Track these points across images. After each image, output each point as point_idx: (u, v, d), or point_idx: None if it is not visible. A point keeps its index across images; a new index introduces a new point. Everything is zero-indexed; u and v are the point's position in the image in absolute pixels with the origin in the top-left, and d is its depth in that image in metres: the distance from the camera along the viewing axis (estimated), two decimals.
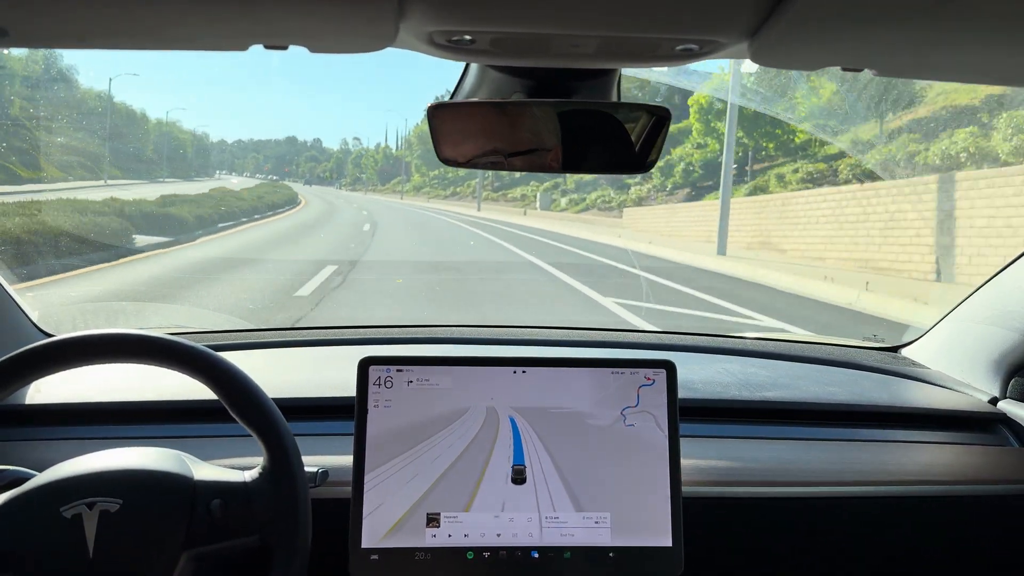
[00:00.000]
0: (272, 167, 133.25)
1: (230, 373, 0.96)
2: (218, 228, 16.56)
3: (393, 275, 10.26)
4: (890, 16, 0.66)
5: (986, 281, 1.56)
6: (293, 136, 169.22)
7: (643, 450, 1.14)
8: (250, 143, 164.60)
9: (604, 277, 10.76)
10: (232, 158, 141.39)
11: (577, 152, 1.02)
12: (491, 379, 1.15)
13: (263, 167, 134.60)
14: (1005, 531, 1.40)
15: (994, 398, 1.52)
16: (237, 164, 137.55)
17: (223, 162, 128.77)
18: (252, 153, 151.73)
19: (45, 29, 0.75)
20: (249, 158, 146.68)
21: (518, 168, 1.04)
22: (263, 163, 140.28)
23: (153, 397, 1.33)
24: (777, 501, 1.31)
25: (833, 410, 1.45)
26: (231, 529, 0.94)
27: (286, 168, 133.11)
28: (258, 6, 0.67)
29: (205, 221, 16.21)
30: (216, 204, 19.49)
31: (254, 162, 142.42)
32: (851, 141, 16.19)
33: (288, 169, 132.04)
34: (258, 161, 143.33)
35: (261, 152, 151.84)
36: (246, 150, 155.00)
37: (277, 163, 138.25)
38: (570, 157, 1.02)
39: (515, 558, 1.10)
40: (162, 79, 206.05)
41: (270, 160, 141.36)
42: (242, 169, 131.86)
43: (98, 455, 0.98)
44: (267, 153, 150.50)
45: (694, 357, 1.67)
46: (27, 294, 7.70)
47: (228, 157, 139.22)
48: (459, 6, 0.69)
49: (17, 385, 0.93)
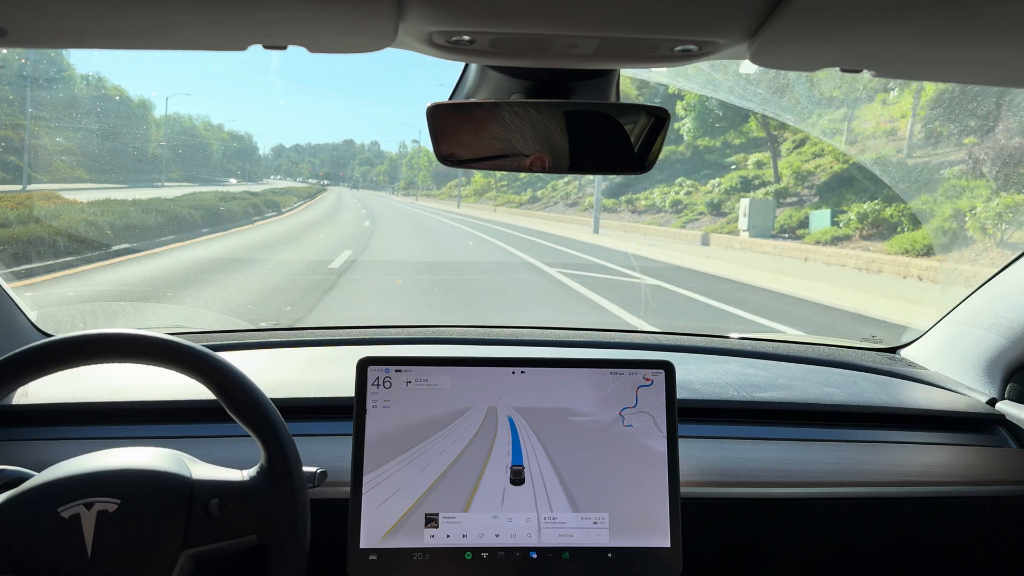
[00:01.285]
0: (327, 171, 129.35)
1: (228, 373, 0.96)
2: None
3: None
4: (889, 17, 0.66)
5: (984, 283, 1.57)
6: (350, 139, 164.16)
7: (641, 451, 1.14)
8: (307, 147, 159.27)
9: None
10: (289, 163, 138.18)
11: (576, 152, 1.02)
12: (490, 379, 1.15)
13: (318, 171, 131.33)
14: (1002, 532, 1.40)
15: (992, 399, 1.52)
16: (294, 169, 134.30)
17: (279, 167, 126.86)
18: (308, 157, 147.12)
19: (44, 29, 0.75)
20: (305, 162, 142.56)
21: (517, 168, 1.04)
22: (318, 167, 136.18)
23: (152, 397, 1.33)
24: (775, 502, 1.31)
25: (831, 411, 1.45)
26: (229, 529, 0.94)
27: (340, 172, 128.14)
28: (257, 6, 0.67)
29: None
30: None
31: (309, 166, 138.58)
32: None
33: (343, 173, 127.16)
34: (313, 165, 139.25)
35: (317, 156, 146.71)
36: (303, 154, 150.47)
37: (333, 167, 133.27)
38: (569, 157, 1.02)
39: (513, 558, 1.10)
40: (210, 90, 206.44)
41: (325, 164, 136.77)
42: (296, 174, 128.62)
43: (96, 455, 0.98)
44: (323, 157, 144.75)
45: (693, 358, 1.67)
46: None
47: (285, 162, 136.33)
48: (458, 7, 0.69)
49: (15, 385, 0.93)
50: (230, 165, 51.40)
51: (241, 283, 9.01)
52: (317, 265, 11.05)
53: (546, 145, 1.01)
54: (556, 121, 0.99)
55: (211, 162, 42.08)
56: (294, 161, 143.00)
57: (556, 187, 33.57)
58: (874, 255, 12.60)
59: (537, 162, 1.03)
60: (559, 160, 1.02)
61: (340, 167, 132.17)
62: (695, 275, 11.92)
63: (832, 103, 17.87)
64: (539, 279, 10.76)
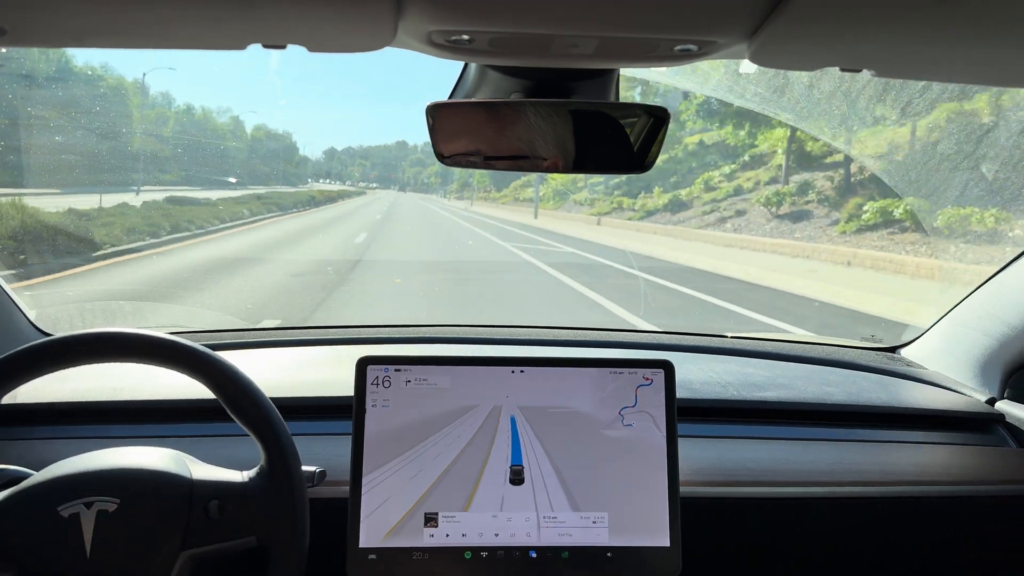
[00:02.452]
0: (379, 174, 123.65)
1: (228, 373, 0.96)
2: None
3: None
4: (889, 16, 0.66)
5: (984, 282, 1.57)
6: (403, 140, 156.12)
7: (641, 450, 1.14)
8: (359, 149, 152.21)
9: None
10: (341, 166, 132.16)
11: (575, 152, 1.02)
12: (489, 379, 1.15)
13: (369, 174, 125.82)
14: (1002, 531, 1.40)
15: (992, 398, 1.52)
16: (344, 172, 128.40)
17: (330, 170, 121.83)
18: (360, 159, 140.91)
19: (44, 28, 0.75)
20: (356, 164, 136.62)
21: (516, 168, 1.04)
22: (369, 170, 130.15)
23: (151, 396, 1.33)
24: (775, 501, 1.31)
25: (831, 410, 1.45)
26: (229, 530, 0.94)
27: (392, 174, 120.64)
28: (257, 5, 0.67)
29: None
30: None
31: (360, 168, 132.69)
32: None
33: (393, 175, 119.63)
34: (364, 168, 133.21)
35: (369, 158, 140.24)
36: (354, 157, 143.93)
37: (385, 169, 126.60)
38: (568, 157, 1.02)
39: (513, 558, 1.10)
40: (260, 92, 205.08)
41: (377, 166, 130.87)
42: (346, 177, 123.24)
43: (96, 454, 0.98)
44: (375, 159, 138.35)
45: (692, 357, 1.67)
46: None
47: (337, 165, 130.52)
48: (457, 6, 0.69)
49: (15, 384, 0.93)
50: (262, 167, 50.65)
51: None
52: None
53: (545, 145, 1.01)
54: (556, 121, 0.99)
55: (226, 162, 41.62)
56: (345, 164, 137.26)
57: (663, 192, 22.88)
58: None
59: (536, 162, 1.03)
60: (558, 160, 1.02)
61: (391, 169, 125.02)
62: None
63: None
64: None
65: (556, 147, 1.01)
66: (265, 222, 19.93)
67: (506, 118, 1.00)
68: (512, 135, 1.01)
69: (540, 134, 1.00)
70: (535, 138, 1.00)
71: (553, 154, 1.02)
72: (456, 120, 1.01)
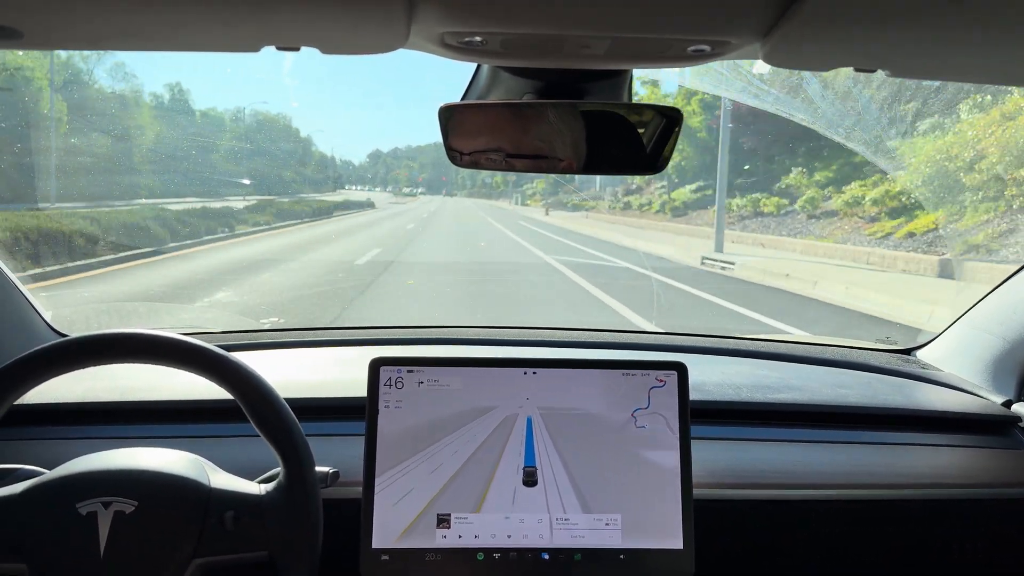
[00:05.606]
0: (428, 175, 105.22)
1: (253, 381, 0.96)
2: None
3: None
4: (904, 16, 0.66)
5: (1001, 283, 1.55)
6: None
7: (654, 452, 1.14)
8: (406, 151, 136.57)
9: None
10: (386, 169, 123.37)
11: (588, 153, 1.02)
12: (502, 380, 1.15)
13: (416, 178, 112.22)
14: (1019, 534, 1.38)
15: (1008, 401, 1.51)
16: (389, 176, 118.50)
17: (375, 174, 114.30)
18: (406, 161, 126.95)
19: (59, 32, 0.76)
20: (403, 166, 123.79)
21: (528, 170, 1.04)
22: (417, 172, 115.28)
23: (165, 396, 1.34)
24: (789, 504, 1.31)
25: (845, 412, 1.44)
26: (242, 542, 0.94)
27: (443, 176, 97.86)
28: (270, 8, 0.67)
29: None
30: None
31: (407, 171, 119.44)
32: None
33: (444, 178, 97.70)
34: (412, 170, 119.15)
35: (417, 159, 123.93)
36: (400, 158, 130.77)
37: (434, 170, 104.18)
38: (581, 158, 1.02)
39: (525, 559, 1.10)
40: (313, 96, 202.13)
41: (426, 168, 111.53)
42: (390, 181, 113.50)
43: (117, 452, 0.98)
44: (423, 160, 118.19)
45: (705, 359, 1.67)
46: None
47: (382, 168, 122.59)
48: (470, 8, 0.69)
49: (31, 385, 0.94)
50: (285, 172, 49.44)
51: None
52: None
53: (558, 146, 1.01)
54: (568, 122, 0.99)
55: (230, 162, 40.81)
56: (390, 167, 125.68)
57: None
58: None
59: (550, 163, 1.03)
60: (571, 161, 1.02)
61: (442, 170, 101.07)
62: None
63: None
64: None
65: (569, 148, 1.01)
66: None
67: (518, 119, 1.00)
68: (524, 136, 1.01)
69: (552, 135, 1.00)
70: (547, 139, 1.00)
71: (566, 155, 1.02)
72: (469, 121, 1.02)
